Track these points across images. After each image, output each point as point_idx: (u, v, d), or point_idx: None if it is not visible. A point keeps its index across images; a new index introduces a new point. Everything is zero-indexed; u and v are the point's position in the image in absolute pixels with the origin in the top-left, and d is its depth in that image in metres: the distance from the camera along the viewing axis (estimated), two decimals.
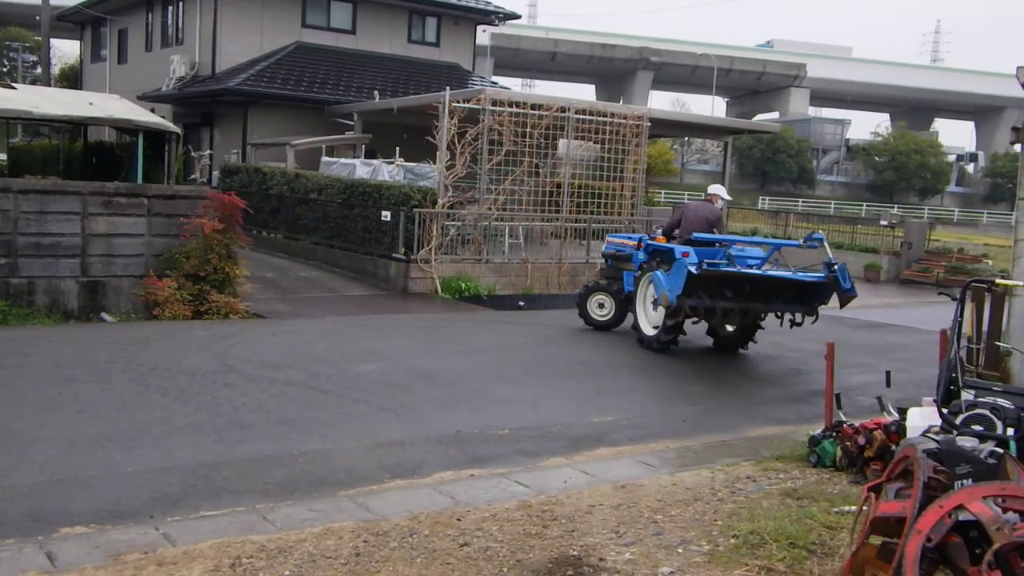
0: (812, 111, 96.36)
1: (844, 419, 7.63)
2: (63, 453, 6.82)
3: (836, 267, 11.23)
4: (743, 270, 11.40)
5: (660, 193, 52.99)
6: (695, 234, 12.30)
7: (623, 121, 19.54)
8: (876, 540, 4.45)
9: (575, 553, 5.34)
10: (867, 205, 66.41)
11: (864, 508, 4.79)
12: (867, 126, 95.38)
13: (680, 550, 5.45)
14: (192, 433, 7.49)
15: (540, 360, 11.36)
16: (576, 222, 19.24)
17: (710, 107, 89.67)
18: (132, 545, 5.18)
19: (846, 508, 6.11)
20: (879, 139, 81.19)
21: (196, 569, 4.84)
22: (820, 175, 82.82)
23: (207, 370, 9.75)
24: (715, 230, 12.42)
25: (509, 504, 6.21)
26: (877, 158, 78.20)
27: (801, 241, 11.52)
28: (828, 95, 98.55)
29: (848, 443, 7.26)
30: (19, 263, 13.09)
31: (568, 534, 5.65)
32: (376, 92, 24.03)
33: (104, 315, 13.49)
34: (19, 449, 6.84)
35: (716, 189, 13.49)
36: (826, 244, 11.81)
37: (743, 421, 9.21)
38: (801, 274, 11.42)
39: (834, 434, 7.46)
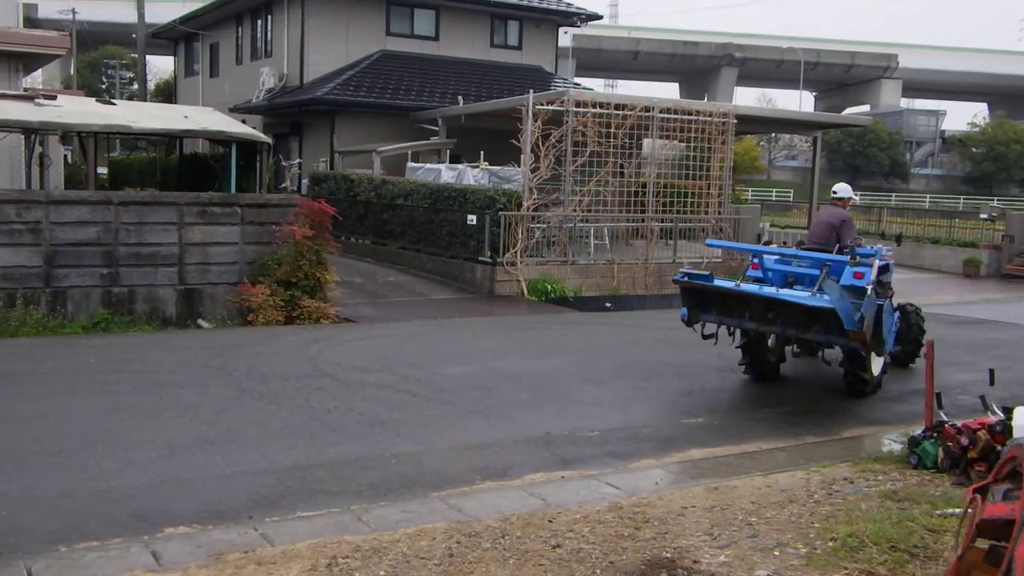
0: (904, 103, 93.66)
1: (945, 419, 7.38)
2: (165, 455, 7.04)
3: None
4: (727, 285, 9.53)
5: (747, 191, 52.12)
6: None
7: (708, 119, 19.28)
8: (983, 544, 4.29)
9: (668, 555, 5.29)
10: (964, 198, 64.19)
11: (969, 510, 4.62)
12: (963, 116, 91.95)
13: (776, 553, 5.35)
14: (287, 436, 7.65)
15: (628, 361, 11.28)
16: (662, 222, 19.06)
17: (797, 102, 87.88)
18: (232, 545, 5.32)
19: (949, 511, 5.91)
20: (976, 130, 78.37)
21: (294, 569, 4.95)
22: (914, 168, 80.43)
23: (300, 374, 9.95)
24: (839, 235, 10.39)
25: (600, 506, 6.18)
26: (975, 149, 75.53)
27: (849, 258, 9.29)
28: (921, 86, 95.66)
29: (950, 444, 7.03)
30: (120, 272, 13.58)
31: (661, 536, 5.60)
32: (460, 97, 24.22)
33: (201, 321, 13.89)
34: (123, 452, 7.09)
35: (841, 189, 11.06)
36: (872, 266, 9.07)
37: (837, 422, 8.99)
38: (805, 296, 9.14)
39: (935, 434, 7.22)
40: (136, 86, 51.46)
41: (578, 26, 32.84)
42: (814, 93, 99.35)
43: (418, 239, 19.27)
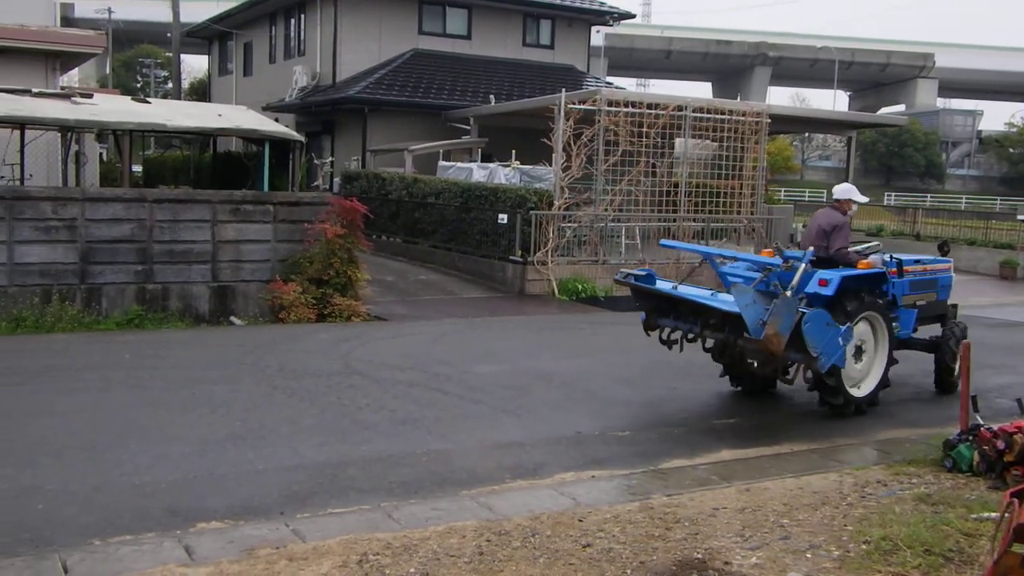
0: (941, 102, 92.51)
1: (981, 422, 7.27)
2: (197, 451, 7.10)
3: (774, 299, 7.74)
4: (664, 287, 8.87)
5: (780, 191, 51.73)
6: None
7: (741, 118, 19.15)
8: (1020, 548, 4.22)
9: (699, 556, 5.25)
10: (1001, 199, 63.32)
11: (1006, 514, 4.55)
12: (1001, 116, 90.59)
13: (809, 555, 5.29)
14: (318, 433, 7.68)
15: (658, 361, 11.20)
16: (694, 222, 18.96)
17: (831, 101, 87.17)
18: (264, 540, 5.36)
19: (985, 515, 5.82)
20: (1014, 130, 77.23)
21: (325, 565, 4.96)
22: (950, 169, 79.46)
23: (331, 372, 9.99)
24: (829, 241, 9.23)
25: (631, 506, 6.16)
26: (1012, 150, 74.48)
27: (781, 261, 8.55)
28: (958, 85, 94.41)
29: (986, 447, 6.92)
30: (154, 269, 13.72)
31: (691, 537, 5.56)
32: (492, 96, 24.24)
33: (233, 319, 14.00)
34: (156, 447, 7.15)
35: (840, 190, 9.83)
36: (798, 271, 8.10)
37: (871, 424, 8.89)
38: (723, 301, 8.42)
39: (971, 438, 7.12)
40: (171, 85, 52.02)
41: (610, 25, 32.81)
42: (848, 93, 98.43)
43: (449, 238, 19.31)
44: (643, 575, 4.99)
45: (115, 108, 16.49)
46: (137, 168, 28.35)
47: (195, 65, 63.06)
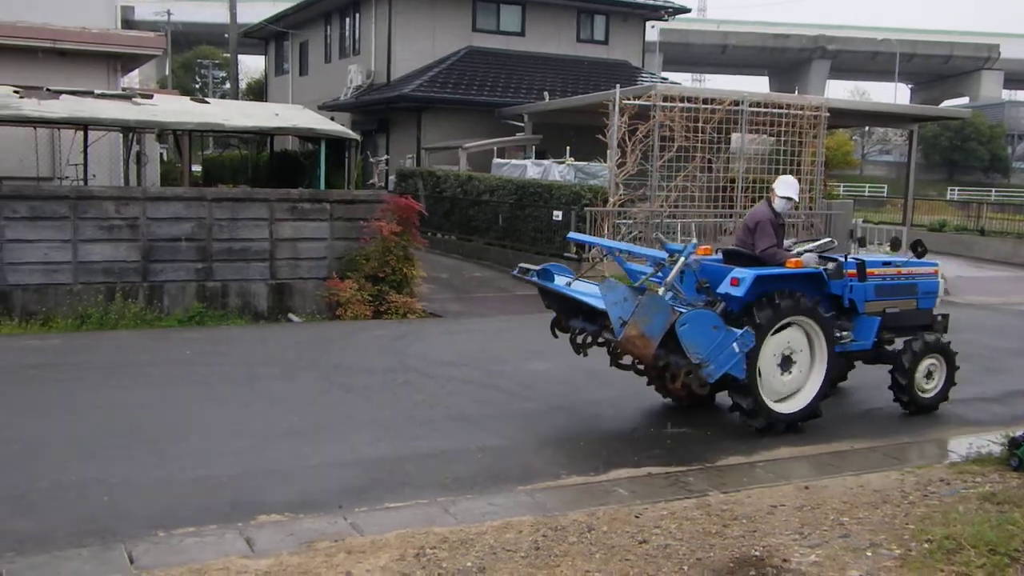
0: (1006, 94, 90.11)
1: None
2: (257, 446, 7.20)
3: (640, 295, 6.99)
4: (556, 284, 8.16)
5: (839, 186, 50.87)
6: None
7: (799, 112, 18.88)
8: None
9: (757, 553, 5.19)
10: None
11: None
12: None
13: (869, 553, 5.21)
14: (374, 428, 7.75)
15: None
16: None
17: (892, 95, 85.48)
18: (323, 534, 5.42)
19: None
20: None
21: (383, 558, 5.01)
22: (1016, 162, 77.33)
23: (387, 368, 10.07)
24: (755, 240, 8.29)
25: (687, 503, 6.12)
26: None
27: (666, 254, 7.81)
28: None
29: None
30: (214, 267, 13.94)
31: (749, 534, 5.50)
32: (546, 93, 24.21)
33: (291, 316, 14.18)
34: (217, 442, 7.28)
35: (779, 183, 8.64)
36: (681, 261, 7.49)
37: (933, 422, 8.71)
38: (595, 296, 7.50)
39: None
40: (228, 85, 52.83)
41: (665, 19, 32.54)
42: (910, 85, 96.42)
43: (504, 235, 19.33)
44: (700, 572, 4.95)
45: (174, 108, 16.80)
46: (196, 168, 28.84)
47: (252, 65, 63.98)
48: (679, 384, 7.81)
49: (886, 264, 8.90)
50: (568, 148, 20.86)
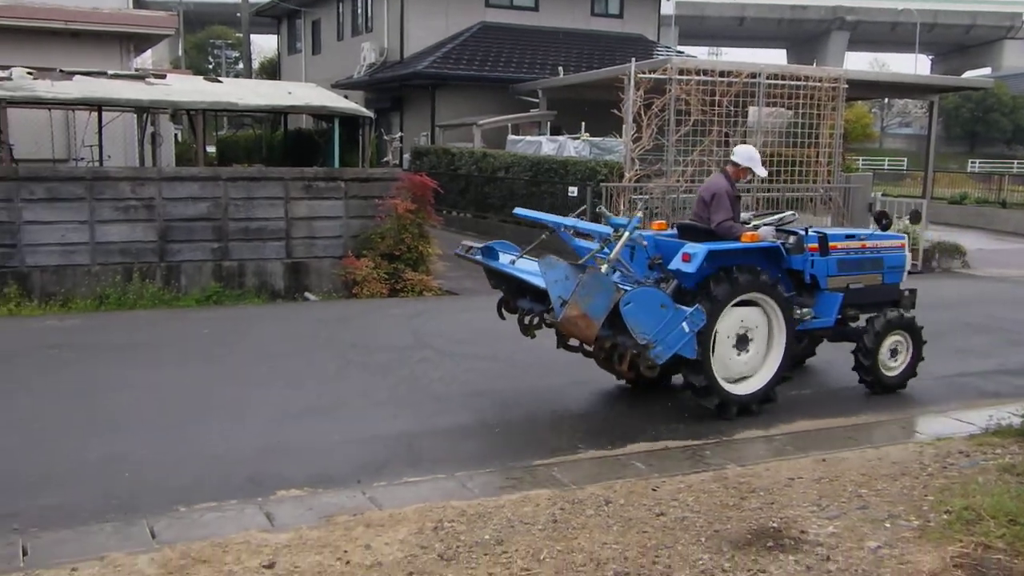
0: None
1: None
2: (275, 423, 7.24)
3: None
4: (499, 264, 7.97)
5: (857, 160, 50.44)
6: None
7: (818, 84, 18.66)
8: None
9: (775, 525, 5.19)
10: None
11: None
12: None
13: (887, 524, 5.19)
14: (392, 405, 7.77)
15: None
16: (768, 192, 18.61)
17: (912, 66, 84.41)
18: (342, 508, 5.45)
19: None
20: None
21: (402, 531, 5.03)
22: None
23: (403, 345, 10.09)
24: (710, 213, 7.91)
25: (705, 475, 6.11)
26: None
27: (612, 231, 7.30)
28: None
29: None
30: (230, 247, 13.98)
31: (767, 506, 5.50)
32: (560, 68, 24.07)
33: (308, 294, 14.22)
34: (236, 419, 7.32)
35: (737, 152, 8.39)
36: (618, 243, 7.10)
37: (953, 393, 8.66)
38: (534, 274, 7.20)
39: None
40: (241, 65, 52.78)
41: None
42: (930, 56, 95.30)
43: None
44: (717, 543, 4.94)
45: (188, 88, 16.81)
46: (211, 148, 28.91)
47: (264, 45, 63.81)
48: (625, 366, 7.44)
49: (849, 237, 8.55)
50: (583, 124, 20.75)
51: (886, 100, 64.78)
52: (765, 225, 8.08)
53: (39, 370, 8.87)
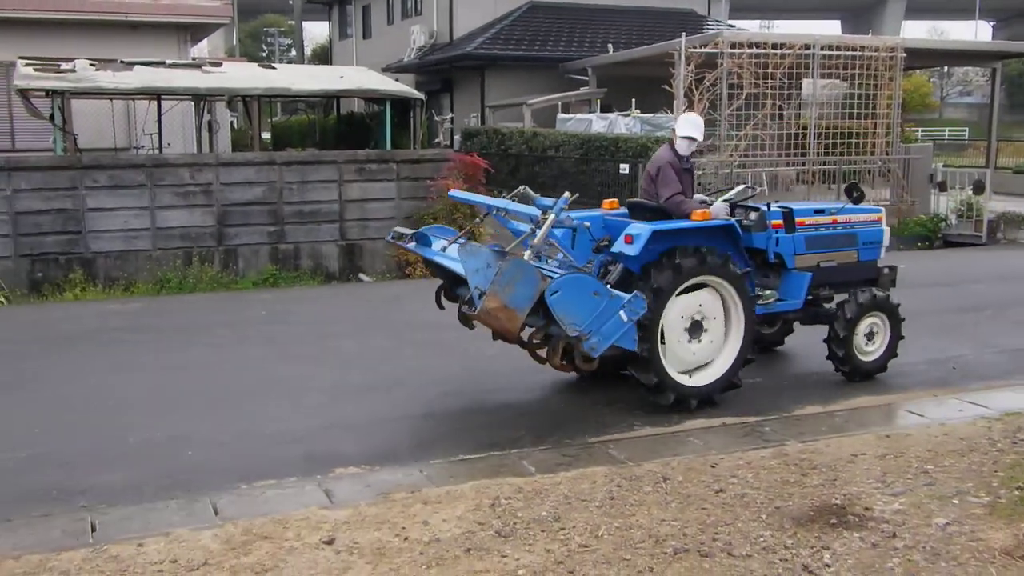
0: None
1: None
2: (331, 401, 7.31)
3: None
4: (429, 251, 7.21)
5: (916, 130, 49.30)
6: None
7: (874, 54, 18.26)
8: None
9: (838, 501, 5.10)
10: None
11: None
12: None
13: (956, 501, 5.08)
14: (446, 383, 7.80)
15: None
16: (824, 165, 18.28)
17: (972, 33, 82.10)
18: (399, 485, 5.48)
19: None
20: None
21: (459, 508, 5.05)
22: None
23: (457, 324, 10.04)
24: (657, 188, 7.41)
25: (763, 452, 6.03)
26: None
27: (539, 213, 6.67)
28: None
29: None
30: (285, 230, 14.14)
31: (829, 483, 5.41)
32: (610, 45, 23.85)
33: (362, 275, 14.33)
34: (293, 398, 7.40)
35: (682, 122, 7.70)
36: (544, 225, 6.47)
37: (1018, 367, 8.43)
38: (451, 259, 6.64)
39: None
40: (294, 52, 53.20)
41: None
42: (991, 23, 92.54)
43: (570, 190, 19.04)
44: (779, 520, 4.88)
45: (243, 75, 17.00)
46: (265, 134, 29.22)
47: (316, 32, 64.18)
48: (557, 359, 6.66)
49: (819, 212, 7.92)
50: (634, 100, 20.55)
51: (946, 68, 63.14)
52: (718, 202, 7.53)
53: (104, 352, 9.08)
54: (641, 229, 6.69)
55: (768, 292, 7.60)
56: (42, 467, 5.90)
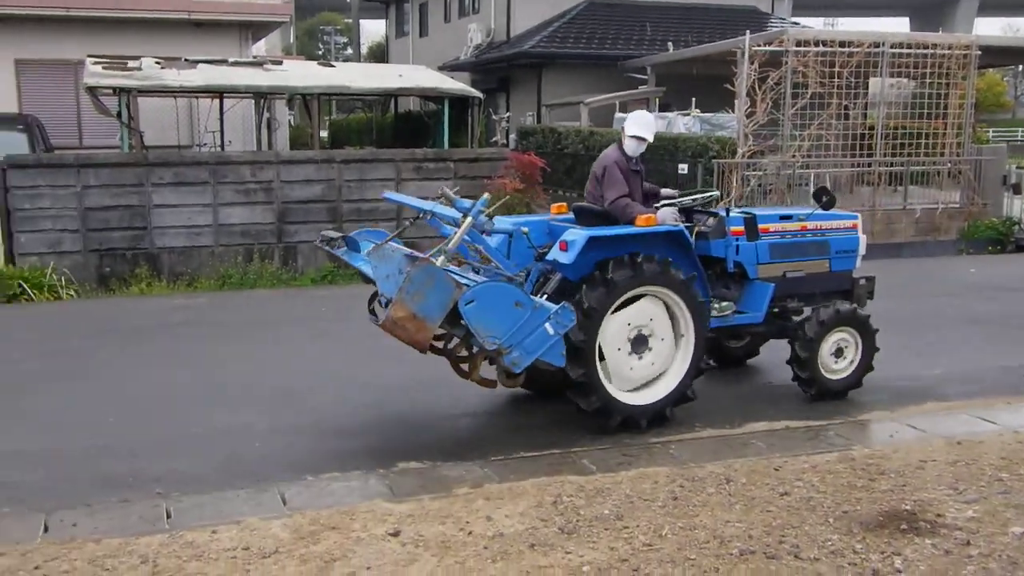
0: None
1: None
2: (392, 397, 7.36)
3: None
4: (352, 256, 6.94)
5: (988, 131, 48.06)
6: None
7: (947, 52, 17.82)
8: None
9: (908, 507, 4.99)
10: None
11: None
12: None
13: None
14: None
15: None
16: (891, 166, 17.93)
17: None
18: (461, 480, 5.50)
19: None
20: None
21: (521, 504, 5.04)
22: None
23: None
24: (603, 190, 7.02)
25: (829, 456, 5.93)
26: None
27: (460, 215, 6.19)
28: None
29: None
30: (344, 228, 14.24)
31: (898, 488, 5.30)
32: (670, 43, 23.66)
33: None
34: (356, 393, 7.46)
35: (631, 120, 7.31)
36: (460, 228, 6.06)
37: None
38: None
39: None
40: (350, 50, 53.68)
41: None
42: None
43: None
44: (847, 524, 4.79)
45: (303, 73, 17.18)
46: (323, 133, 29.56)
47: (372, 30, 64.71)
48: (476, 375, 6.34)
49: (785, 218, 7.42)
50: (694, 100, 20.35)
51: (1021, 67, 61.50)
52: (666, 205, 7.10)
53: (170, 345, 9.25)
54: (576, 235, 6.20)
55: (725, 304, 7.10)
56: (117, 455, 6.05)
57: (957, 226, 17.27)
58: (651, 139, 7.14)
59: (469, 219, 5.96)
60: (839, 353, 7.27)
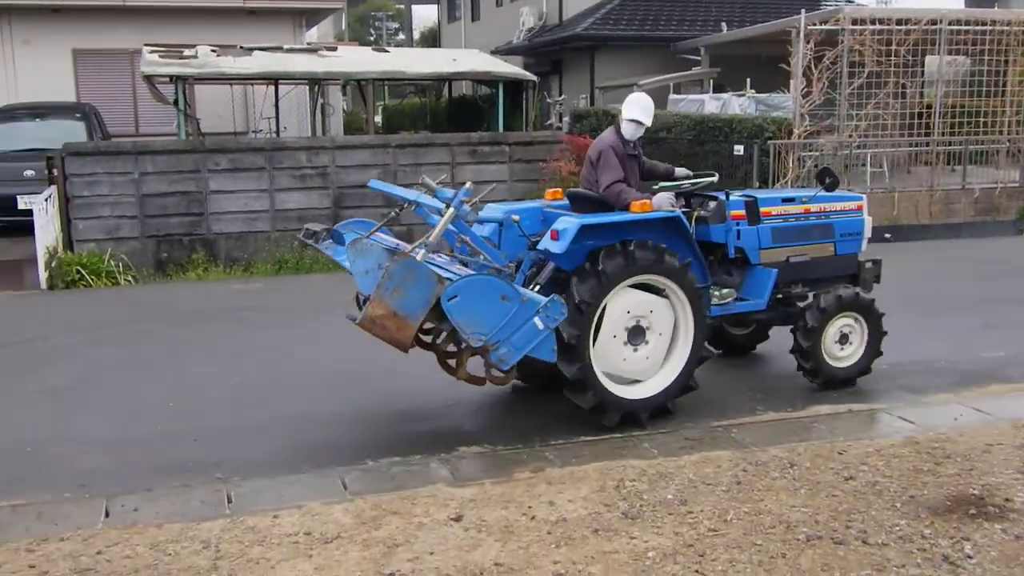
0: None
1: None
2: (454, 382, 7.35)
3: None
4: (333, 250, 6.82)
5: None
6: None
7: (1005, 28, 17.38)
8: None
9: (975, 492, 4.93)
10: None
11: None
12: None
13: None
14: None
15: (915, 293, 10.53)
16: (948, 145, 17.55)
17: None
18: (522, 464, 5.53)
19: None
20: None
21: (583, 488, 5.06)
22: None
23: None
24: (598, 176, 6.70)
25: (894, 440, 5.87)
26: None
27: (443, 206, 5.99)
28: None
29: None
30: (400, 213, 14.32)
31: (965, 472, 5.23)
32: (723, 24, 23.36)
33: None
34: (415, 378, 7.45)
35: (629, 104, 6.90)
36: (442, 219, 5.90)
37: None
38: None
39: None
40: (402, 36, 53.80)
41: None
42: None
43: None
44: (914, 509, 4.74)
45: (357, 59, 17.28)
46: (377, 118, 29.71)
47: (424, 15, 64.76)
48: (463, 372, 6.08)
49: (787, 201, 7.16)
50: (748, 80, 20.08)
51: None
52: (662, 189, 6.84)
53: (229, 331, 9.40)
54: (568, 224, 5.95)
55: (726, 291, 6.88)
56: (177, 440, 6.16)
57: (1016, 206, 16.88)
58: (649, 123, 6.86)
59: (451, 210, 5.74)
60: (844, 339, 7.06)
